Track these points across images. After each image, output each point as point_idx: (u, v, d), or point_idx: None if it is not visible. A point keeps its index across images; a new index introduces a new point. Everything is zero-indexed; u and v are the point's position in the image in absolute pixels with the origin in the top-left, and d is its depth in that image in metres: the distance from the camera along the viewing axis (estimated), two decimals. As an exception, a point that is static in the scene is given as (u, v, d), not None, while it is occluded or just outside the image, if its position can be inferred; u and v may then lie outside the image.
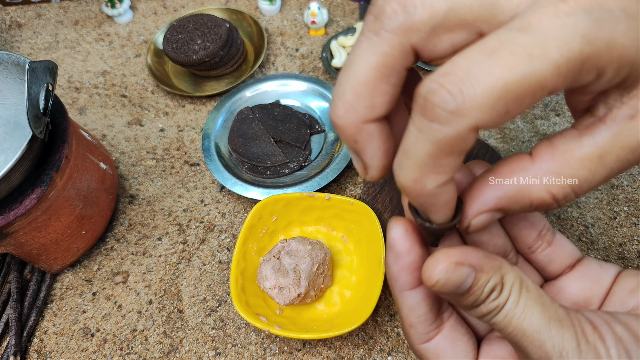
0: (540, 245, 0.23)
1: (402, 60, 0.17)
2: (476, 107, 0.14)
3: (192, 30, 0.58)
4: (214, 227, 0.48)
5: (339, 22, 0.65)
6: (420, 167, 0.15)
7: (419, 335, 0.21)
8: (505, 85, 0.14)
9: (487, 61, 0.14)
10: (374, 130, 0.18)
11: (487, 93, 0.14)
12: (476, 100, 0.14)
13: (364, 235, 0.42)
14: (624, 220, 0.44)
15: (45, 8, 0.72)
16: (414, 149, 0.15)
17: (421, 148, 0.15)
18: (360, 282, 0.41)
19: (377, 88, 0.17)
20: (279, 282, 0.39)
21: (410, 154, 0.15)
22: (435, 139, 0.14)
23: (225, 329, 0.42)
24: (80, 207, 0.42)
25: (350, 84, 0.17)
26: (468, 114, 0.14)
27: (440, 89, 0.14)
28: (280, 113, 0.53)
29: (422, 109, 0.15)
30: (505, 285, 0.18)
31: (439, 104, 0.14)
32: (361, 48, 0.17)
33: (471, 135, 0.14)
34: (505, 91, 0.14)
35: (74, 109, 0.59)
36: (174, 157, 0.54)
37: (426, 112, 0.14)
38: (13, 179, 0.36)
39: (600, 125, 0.16)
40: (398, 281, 0.20)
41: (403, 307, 0.21)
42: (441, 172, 0.15)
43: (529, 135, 0.51)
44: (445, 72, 0.14)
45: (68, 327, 0.43)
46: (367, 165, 0.19)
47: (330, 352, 0.40)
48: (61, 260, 0.44)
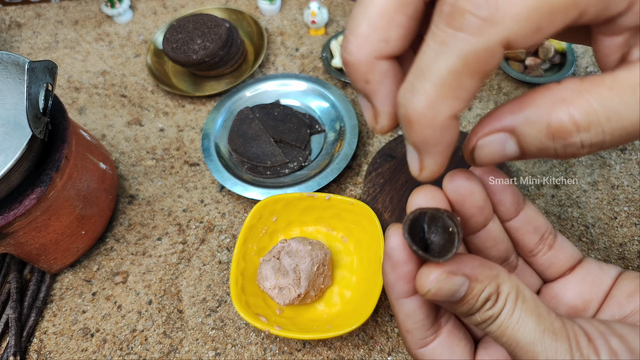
0: (541, 249, 0.22)
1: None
2: (511, 16, 0.13)
3: (191, 30, 0.58)
4: (214, 227, 0.48)
5: (339, 22, 0.65)
6: (439, 87, 0.14)
7: (415, 341, 0.21)
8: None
9: None
10: (387, 69, 0.17)
11: (524, 1, 0.13)
12: (512, 8, 0.13)
13: (364, 235, 0.42)
14: (625, 220, 0.44)
15: (44, 8, 0.72)
16: (434, 66, 0.14)
17: (443, 64, 0.13)
18: (361, 283, 0.41)
19: (393, 19, 0.16)
20: (279, 282, 0.39)
21: (427, 73, 0.14)
22: (461, 52, 0.13)
23: (225, 329, 0.42)
24: (80, 207, 0.42)
25: (364, 15, 0.16)
26: (501, 23, 0.13)
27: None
28: (280, 113, 0.53)
29: (448, 17, 0.13)
30: (501, 294, 0.18)
31: (470, 9, 0.13)
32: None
33: (499, 52, 0.13)
34: (541, 1, 0.13)
35: (74, 109, 0.59)
36: (173, 157, 0.54)
37: (453, 20, 0.13)
38: (13, 179, 0.36)
39: (636, 63, 0.15)
40: (394, 289, 0.20)
41: (400, 314, 0.20)
42: (460, 96, 0.14)
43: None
44: None
45: (68, 327, 0.43)
46: (378, 111, 0.18)
47: (330, 352, 0.40)
48: (61, 260, 0.44)
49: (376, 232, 0.40)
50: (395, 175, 0.46)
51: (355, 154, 0.52)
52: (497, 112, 0.16)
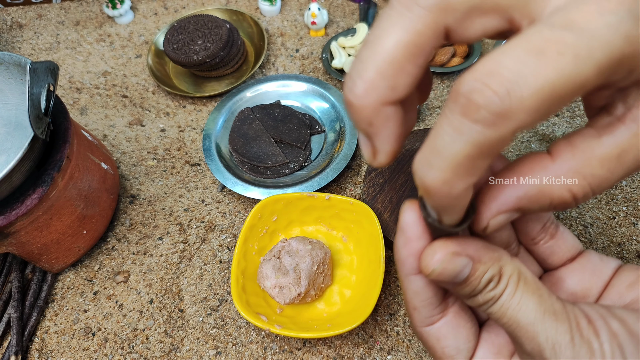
0: (543, 237, 0.23)
1: (433, 40, 0.16)
2: (523, 110, 0.13)
3: (192, 30, 0.58)
4: (215, 226, 0.48)
5: (339, 23, 0.65)
6: (454, 168, 0.15)
7: (421, 319, 0.21)
8: (552, 86, 0.13)
9: (535, 61, 0.13)
10: (391, 114, 0.17)
11: (536, 95, 0.13)
12: (524, 102, 0.13)
13: (364, 235, 0.42)
14: (623, 220, 0.44)
15: (46, 9, 0.72)
16: (449, 149, 0.14)
17: (458, 149, 0.14)
18: (360, 282, 0.41)
19: (403, 68, 0.16)
20: (279, 281, 0.39)
21: (444, 154, 0.15)
22: (476, 141, 0.14)
23: (225, 328, 0.42)
24: (82, 207, 0.42)
25: (374, 60, 0.16)
26: (514, 117, 0.13)
27: (486, 89, 0.13)
28: (280, 113, 0.53)
29: (464, 109, 0.14)
30: (503, 276, 0.18)
31: (484, 105, 0.13)
32: (389, 22, 0.16)
33: (512, 137, 0.14)
34: (552, 92, 0.13)
35: (75, 109, 0.60)
36: (174, 157, 0.54)
37: (469, 113, 0.14)
38: (14, 179, 0.36)
39: (620, 125, 0.16)
40: (405, 265, 0.20)
41: (408, 290, 0.21)
42: (474, 174, 0.15)
43: (528, 135, 0.51)
44: (489, 70, 0.13)
45: (69, 326, 0.43)
46: (377, 149, 0.18)
47: (330, 351, 0.40)
48: (62, 259, 0.44)
49: (376, 232, 0.40)
50: (394, 175, 0.46)
51: (355, 154, 0.52)
52: (499, 193, 0.18)
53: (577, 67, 0.13)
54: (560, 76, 0.13)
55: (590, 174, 0.16)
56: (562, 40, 0.13)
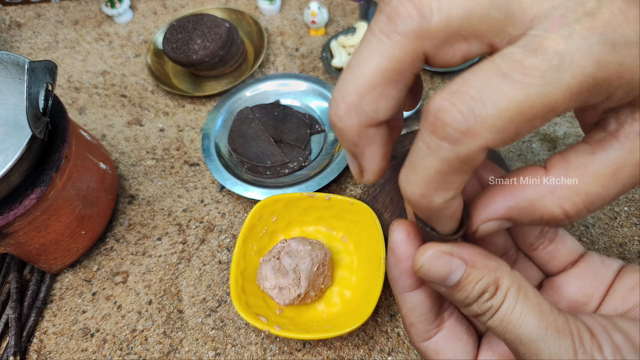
0: (542, 242, 0.22)
1: (412, 67, 0.17)
2: (488, 128, 0.14)
3: (191, 30, 0.58)
4: (214, 227, 0.48)
5: (339, 22, 0.65)
6: (428, 183, 0.15)
7: (418, 334, 0.22)
8: (518, 107, 0.13)
9: (499, 82, 0.13)
10: (374, 135, 0.18)
11: (499, 114, 0.13)
12: (488, 121, 0.13)
13: (364, 235, 0.42)
14: (625, 220, 0.44)
15: (44, 8, 0.72)
16: (422, 165, 0.15)
17: (430, 165, 0.15)
18: (360, 283, 0.41)
19: (383, 93, 0.17)
20: (279, 282, 0.39)
21: (418, 169, 0.15)
22: (444, 157, 0.14)
23: (225, 329, 0.42)
24: (80, 207, 0.42)
25: (355, 85, 0.17)
26: (479, 135, 0.14)
27: (452, 107, 0.14)
28: (280, 113, 0.53)
29: (432, 126, 0.14)
30: (501, 287, 0.18)
31: (449, 123, 0.14)
32: (369, 48, 0.17)
33: (481, 155, 0.14)
34: (517, 113, 0.13)
35: (74, 109, 0.59)
36: (173, 157, 0.54)
37: (436, 131, 0.14)
38: (13, 179, 0.36)
39: (613, 141, 0.16)
40: (398, 283, 0.20)
41: (403, 307, 0.21)
42: (449, 188, 0.15)
43: (529, 136, 0.51)
44: (456, 90, 0.14)
45: (68, 327, 0.43)
46: (364, 168, 0.19)
47: (330, 352, 0.40)
48: (61, 260, 0.44)
49: (376, 232, 0.40)
50: (395, 176, 0.46)
51: (355, 154, 0.52)
52: (491, 200, 0.18)
53: (544, 90, 0.13)
54: (526, 97, 0.13)
55: (583, 190, 0.16)
56: (528, 62, 0.14)
